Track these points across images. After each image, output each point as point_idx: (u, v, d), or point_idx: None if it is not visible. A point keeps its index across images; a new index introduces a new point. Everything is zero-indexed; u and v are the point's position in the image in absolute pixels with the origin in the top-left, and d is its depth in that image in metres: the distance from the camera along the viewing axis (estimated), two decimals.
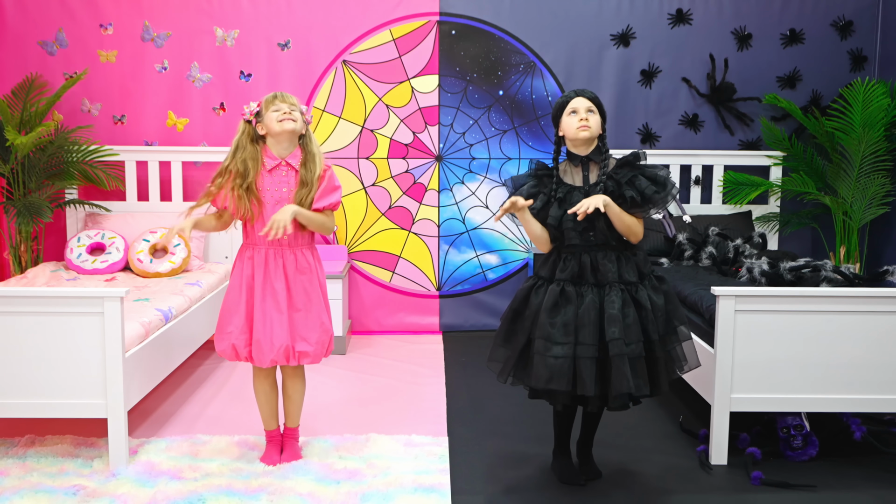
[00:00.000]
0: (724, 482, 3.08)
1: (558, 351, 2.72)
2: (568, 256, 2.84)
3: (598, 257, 2.81)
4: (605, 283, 2.79)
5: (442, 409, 3.83)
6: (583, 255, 2.82)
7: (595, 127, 2.83)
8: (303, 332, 3.05)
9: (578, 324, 2.74)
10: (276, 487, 2.94)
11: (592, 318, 2.74)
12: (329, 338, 3.11)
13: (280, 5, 5.02)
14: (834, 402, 3.18)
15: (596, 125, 2.83)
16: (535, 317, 2.80)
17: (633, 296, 2.79)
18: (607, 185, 2.82)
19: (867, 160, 4.79)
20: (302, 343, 3.05)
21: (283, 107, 3.02)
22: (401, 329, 5.31)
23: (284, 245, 3.06)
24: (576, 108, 2.83)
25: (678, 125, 5.24)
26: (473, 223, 5.28)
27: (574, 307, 2.76)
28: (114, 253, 4.57)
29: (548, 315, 2.76)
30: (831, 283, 3.59)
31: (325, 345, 3.10)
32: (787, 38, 5.19)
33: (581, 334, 2.73)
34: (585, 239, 2.82)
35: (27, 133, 4.58)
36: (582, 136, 2.82)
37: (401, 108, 5.15)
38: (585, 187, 2.85)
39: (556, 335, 2.74)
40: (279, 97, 3.04)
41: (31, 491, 2.91)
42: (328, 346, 3.12)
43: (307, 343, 3.05)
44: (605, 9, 5.14)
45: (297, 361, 3.06)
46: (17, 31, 4.92)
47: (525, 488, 3.03)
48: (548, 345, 2.74)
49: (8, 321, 3.05)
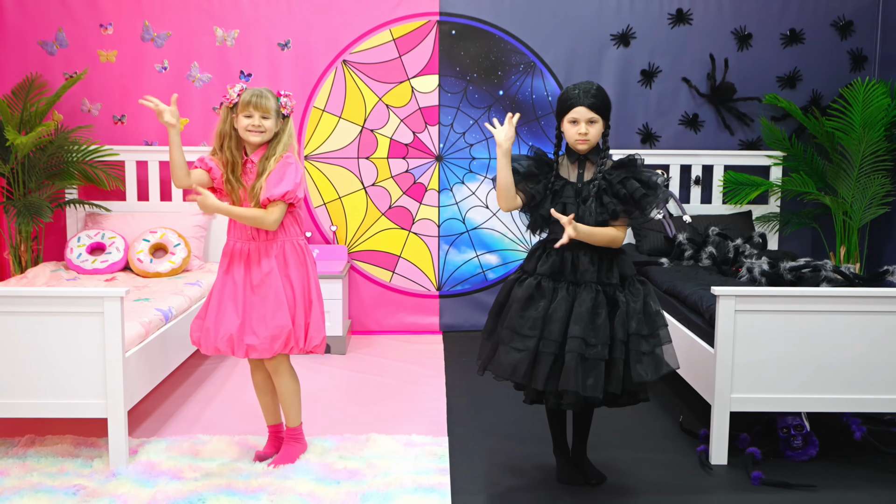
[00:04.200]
0: (724, 482, 3.08)
1: (521, 344, 2.75)
2: (551, 251, 2.86)
3: (580, 255, 2.82)
4: (583, 281, 2.80)
5: (442, 409, 3.83)
6: (565, 251, 2.83)
7: (594, 138, 2.85)
8: (254, 325, 3.03)
9: (546, 319, 2.76)
10: (276, 487, 2.94)
11: (561, 314, 2.75)
12: (284, 334, 3.01)
13: (280, 5, 5.02)
14: (834, 402, 3.18)
15: (595, 136, 2.84)
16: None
17: (611, 297, 2.79)
18: (600, 184, 2.83)
19: (867, 160, 4.79)
20: (251, 336, 3.02)
21: (255, 116, 2.99)
22: (401, 329, 5.31)
23: (252, 238, 3.07)
24: (576, 118, 2.83)
25: (678, 125, 5.24)
26: (473, 223, 5.28)
27: (547, 302, 2.79)
28: (114, 253, 4.57)
29: (519, 307, 2.80)
30: (831, 283, 3.59)
31: (279, 340, 3.01)
32: (787, 38, 5.19)
33: (546, 329, 2.75)
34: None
35: (27, 133, 4.58)
36: (579, 149, 2.86)
37: (401, 108, 5.15)
38: (578, 184, 2.87)
39: (522, 327, 2.77)
40: (253, 102, 2.99)
41: (31, 491, 2.90)
42: (285, 341, 3.02)
43: (255, 336, 3.01)
44: (605, 9, 5.13)
45: (244, 354, 3.04)
46: (17, 31, 4.92)
47: (525, 488, 3.03)
48: (513, 336, 2.78)
49: (8, 321, 3.05)
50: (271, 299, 3.02)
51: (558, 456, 3.10)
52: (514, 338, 2.78)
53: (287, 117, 3.09)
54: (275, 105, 3.03)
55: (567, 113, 2.85)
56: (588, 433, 3.10)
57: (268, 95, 3.02)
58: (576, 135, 2.83)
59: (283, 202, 3.01)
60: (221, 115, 3.07)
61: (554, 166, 2.91)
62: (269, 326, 3.01)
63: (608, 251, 2.85)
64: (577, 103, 2.82)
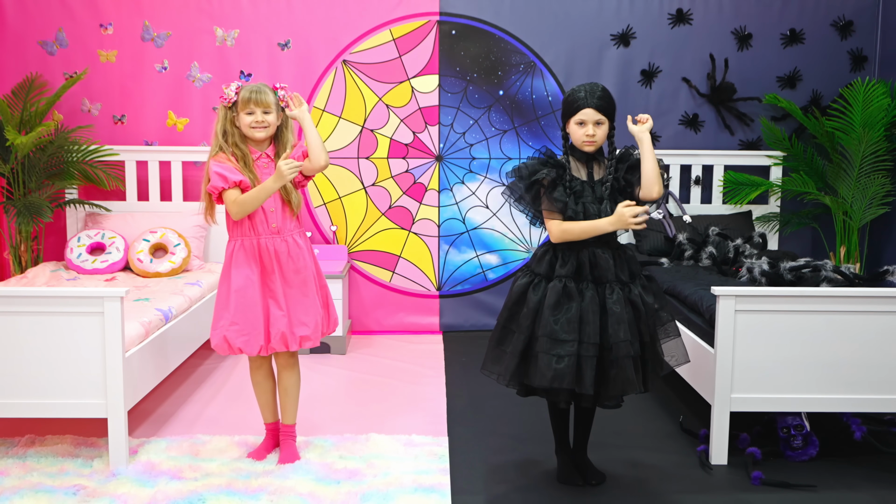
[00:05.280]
0: (724, 482, 3.08)
1: (563, 350, 2.71)
2: (566, 253, 2.84)
3: (597, 254, 2.82)
4: (605, 280, 2.80)
5: (442, 409, 3.83)
6: (581, 251, 2.83)
7: (601, 139, 2.86)
8: (301, 316, 3.07)
9: (581, 321, 2.75)
10: (276, 487, 2.94)
11: (594, 315, 2.75)
12: (321, 320, 3.14)
13: (280, 5, 5.02)
14: (834, 402, 3.18)
15: (602, 137, 2.86)
16: (534, 315, 2.79)
17: (626, 296, 2.80)
18: (613, 184, 2.87)
19: (867, 160, 4.79)
20: (302, 327, 3.07)
21: (257, 112, 3.01)
22: (401, 329, 5.31)
23: (275, 233, 3.07)
24: (584, 119, 2.84)
25: (678, 125, 5.24)
26: (474, 223, 5.28)
27: (577, 304, 2.76)
28: (114, 253, 4.57)
29: (551, 312, 2.75)
30: (831, 283, 3.59)
31: (320, 327, 3.13)
32: (787, 38, 5.19)
33: (584, 332, 2.73)
34: None
35: (27, 133, 4.58)
36: (587, 150, 2.87)
37: (401, 108, 5.15)
38: (590, 183, 2.89)
39: (560, 333, 2.73)
40: (254, 98, 3.00)
41: (31, 491, 2.91)
42: (327, 326, 3.18)
43: (306, 326, 3.07)
44: (605, 9, 5.13)
45: (298, 346, 3.07)
46: (17, 31, 4.92)
47: (525, 488, 3.03)
48: (553, 343, 2.73)
49: (8, 321, 3.05)
50: (310, 288, 3.10)
51: (560, 456, 3.10)
52: (555, 345, 2.73)
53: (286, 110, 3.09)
54: (274, 99, 3.05)
55: (574, 115, 2.85)
56: (590, 432, 3.10)
57: (266, 90, 3.04)
58: (583, 136, 2.84)
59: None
60: (219, 114, 3.07)
61: (566, 167, 2.90)
62: (313, 315, 3.09)
63: (620, 250, 2.88)
64: (584, 105, 2.83)
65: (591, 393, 2.72)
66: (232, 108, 3.05)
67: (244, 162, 3.05)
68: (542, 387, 2.76)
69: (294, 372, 3.21)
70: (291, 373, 3.20)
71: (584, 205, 2.84)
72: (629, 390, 2.74)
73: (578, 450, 3.10)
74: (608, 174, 2.87)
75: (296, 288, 3.08)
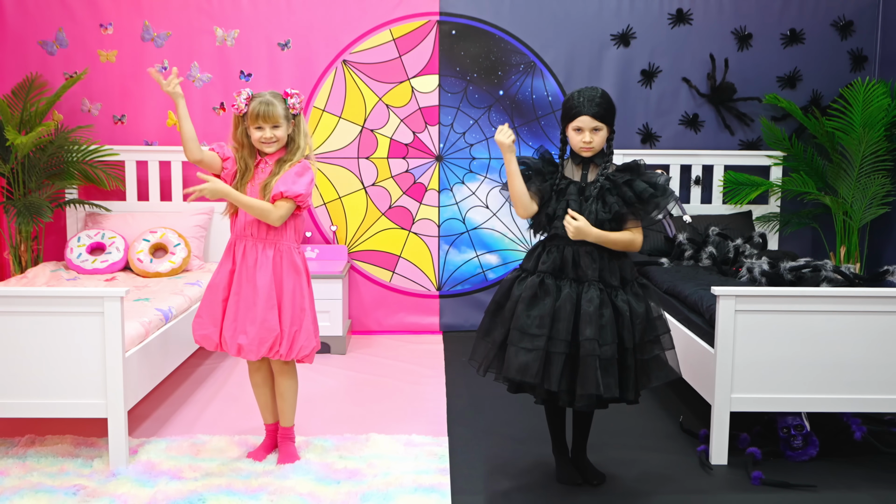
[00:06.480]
0: (724, 482, 3.08)
1: (531, 343, 2.74)
2: (552, 249, 2.87)
3: (581, 253, 2.83)
4: (585, 279, 2.81)
5: (442, 409, 3.83)
6: (566, 248, 2.84)
7: (599, 145, 2.87)
8: (245, 325, 3.04)
9: (554, 317, 2.76)
10: (276, 487, 2.95)
11: (567, 312, 2.76)
12: (272, 337, 3.02)
13: (280, 5, 5.02)
14: (834, 402, 3.18)
15: (600, 143, 2.86)
16: (514, 308, 2.83)
17: (611, 299, 2.80)
18: (604, 184, 2.85)
19: (867, 160, 4.79)
20: (241, 336, 3.04)
21: (266, 129, 3.00)
22: (401, 329, 5.31)
23: (251, 235, 3.06)
24: (581, 126, 2.84)
25: (678, 125, 5.24)
26: (474, 223, 5.28)
27: (552, 300, 2.79)
28: (114, 253, 4.57)
29: (525, 306, 2.79)
30: (831, 283, 3.59)
31: (266, 343, 3.02)
32: (787, 38, 5.19)
33: (555, 328, 2.75)
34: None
35: (27, 133, 4.58)
36: (584, 155, 2.88)
37: (401, 108, 5.15)
38: (582, 184, 2.89)
39: (530, 327, 2.76)
40: (262, 115, 2.98)
41: (31, 491, 2.91)
42: (271, 345, 3.03)
43: (245, 336, 3.03)
44: (605, 9, 5.13)
45: (236, 352, 3.05)
46: (17, 31, 4.92)
47: (525, 488, 3.03)
48: (522, 336, 2.76)
49: (8, 321, 3.05)
50: (262, 301, 3.02)
51: (558, 456, 3.11)
52: (524, 338, 2.76)
53: (297, 116, 3.09)
54: (283, 111, 3.02)
55: (571, 121, 2.86)
56: (588, 433, 3.10)
57: (274, 102, 3.00)
58: (580, 143, 2.86)
59: (293, 202, 3.01)
60: (233, 122, 3.09)
61: (560, 168, 2.93)
62: (259, 328, 3.02)
63: (609, 251, 2.86)
64: (582, 112, 2.83)
65: (555, 389, 2.74)
66: (243, 118, 3.05)
67: (241, 175, 3.07)
68: (510, 378, 2.81)
69: (287, 378, 3.17)
70: (285, 379, 3.17)
71: (566, 202, 2.85)
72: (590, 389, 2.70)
73: (577, 451, 3.10)
74: (600, 175, 2.87)
75: (244, 297, 3.04)
